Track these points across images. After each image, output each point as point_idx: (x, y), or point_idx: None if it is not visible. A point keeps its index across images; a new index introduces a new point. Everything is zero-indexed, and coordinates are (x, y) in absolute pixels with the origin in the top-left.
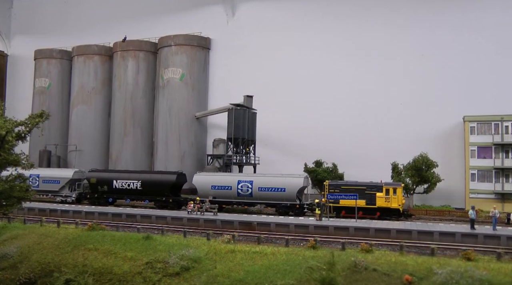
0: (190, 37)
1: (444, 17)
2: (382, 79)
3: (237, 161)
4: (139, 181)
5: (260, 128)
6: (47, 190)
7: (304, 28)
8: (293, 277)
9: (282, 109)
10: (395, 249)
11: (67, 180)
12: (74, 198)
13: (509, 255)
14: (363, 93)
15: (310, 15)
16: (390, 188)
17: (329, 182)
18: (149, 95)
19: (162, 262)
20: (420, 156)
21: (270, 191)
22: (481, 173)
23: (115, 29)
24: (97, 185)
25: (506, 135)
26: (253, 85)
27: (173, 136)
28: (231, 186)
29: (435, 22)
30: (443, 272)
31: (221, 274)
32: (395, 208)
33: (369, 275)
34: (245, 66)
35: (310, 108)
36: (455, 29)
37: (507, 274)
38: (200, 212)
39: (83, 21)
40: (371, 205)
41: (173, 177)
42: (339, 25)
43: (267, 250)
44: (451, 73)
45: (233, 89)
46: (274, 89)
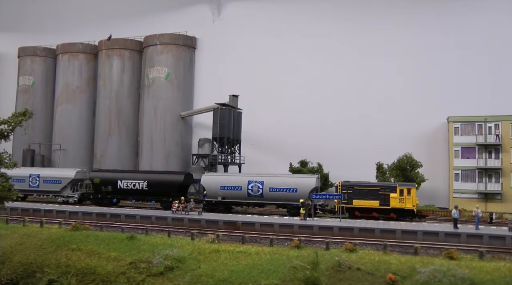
0: (176, 36)
1: (429, 19)
2: (367, 79)
3: (222, 160)
4: (145, 181)
5: (246, 128)
6: (48, 190)
7: (290, 28)
8: (277, 277)
9: (268, 109)
10: (379, 249)
11: (69, 180)
12: (76, 198)
13: (491, 254)
14: (349, 94)
15: (296, 15)
16: (404, 189)
17: (342, 183)
18: (134, 94)
19: (146, 262)
20: (404, 156)
21: (282, 191)
22: (465, 173)
23: (100, 27)
24: (100, 185)
25: (489, 136)
26: (238, 85)
27: (158, 135)
28: (241, 187)
29: (421, 24)
30: (426, 271)
31: (205, 273)
32: (409, 209)
33: (353, 275)
34: (231, 66)
35: (296, 108)
36: (441, 31)
37: (489, 272)
38: (185, 212)
39: (68, 19)
40: (385, 206)
41: (180, 177)
42: (325, 26)
43: (251, 250)
44: (436, 74)
45: (218, 88)
46: (260, 89)
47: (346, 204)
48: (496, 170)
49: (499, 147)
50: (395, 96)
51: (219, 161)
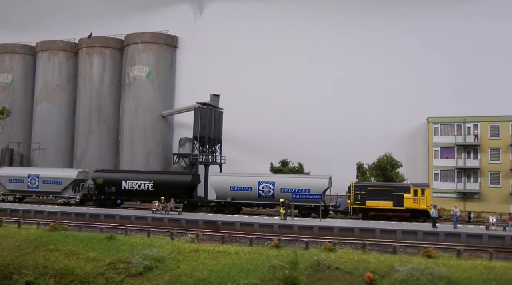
0: (157, 35)
1: (409, 20)
2: (348, 80)
3: (203, 160)
4: (151, 181)
5: (227, 128)
6: (48, 191)
7: (273, 27)
8: (256, 276)
9: (249, 108)
10: (358, 248)
11: (71, 181)
12: (78, 199)
13: (469, 252)
14: (329, 94)
15: (278, 15)
16: (418, 189)
17: (354, 183)
18: (115, 93)
19: (125, 262)
20: (384, 156)
21: (294, 192)
22: (444, 173)
23: (81, 25)
24: (104, 186)
25: (468, 136)
26: (220, 84)
27: (139, 134)
28: (252, 187)
29: (401, 25)
30: (404, 269)
31: (184, 273)
32: (424, 209)
33: (332, 274)
34: (212, 65)
35: (277, 108)
36: (421, 32)
37: (466, 270)
38: (165, 211)
39: (48, 16)
40: (399, 207)
41: (188, 178)
42: (307, 26)
43: (231, 249)
44: (416, 75)
45: (200, 88)
46: (241, 88)
47: (359, 205)
48: (474, 170)
49: (477, 147)
50: (375, 96)
51: (200, 160)
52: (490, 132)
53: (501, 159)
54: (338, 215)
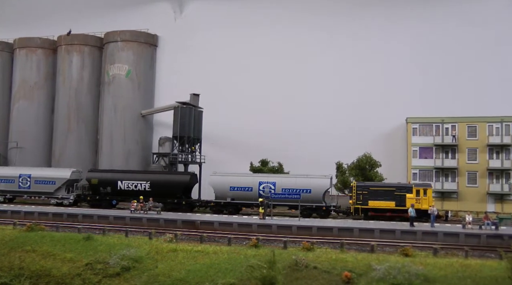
0: (137, 34)
1: (390, 23)
2: (328, 80)
3: (183, 159)
4: (148, 182)
5: (207, 127)
6: (40, 191)
7: (253, 27)
8: (234, 276)
9: (229, 108)
10: (336, 247)
11: (64, 181)
12: (72, 200)
13: (445, 251)
14: (309, 94)
15: (258, 15)
16: (420, 189)
17: (357, 184)
18: (94, 91)
19: (103, 263)
20: (364, 156)
21: (295, 192)
22: (423, 173)
23: (60, 22)
24: (99, 186)
25: (446, 137)
26: (200, 84)
27: (118, 133)
28: (252, 187)
29: (380, 26)
30: (382, 268)
31: (162, 273)
32: (426, 209)
33: (310, 273)
34: (192, 65)
35: (257, 108)
36: (400, 33)
37: (442, 268)
38: (144, 211)
39: (26, 12)
40: (401, 207)
41: (186, 178)
42: (287, 26)
43: (209, 249)
44: (395, 76)
45: (180, 87)
46: (222, 88)
47: (362, 205)
48: (452, 170)
49: (455, 148)
50: (355, 96)
51: (179, 160)
52: (468, 133)
53: (478, 159)
54: (340, 215)
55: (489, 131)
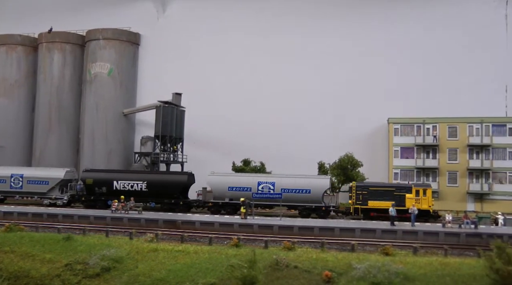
0: (119, 32)
1: (370, 23)
2: (311, 80)
3: (165, 159)
4: (145, 182)
5: (189, 126)
6: (33, 192)
7: (235, 27)
8: (214, 276)
9: (212, 107)
10: (317, 246)
11: (58, 181)
12: (65, 200)
13: (425, 249)
14: (291, 94)
15: (240, 14)
16: (420, 189)
17: (356, 184)
18: (75, 90)
19: (82, 263)
20: (345, 155)
21: (294, 192)
22: (404, 172)
23: (41, 19)
24: (94, 186)
25: (428, 137)
26: (183, 83)
27: (100, 132)
28: (251, 188)
29: (364, 26)
30: (362, 267)
31: (142, 273)
32: (425, 209)
33: (290, 272)
34: (175, 64)
35: (239, 107)
36: (383, 34)
37: (422, 267)
38: (125, 211)
39: (6, 9)
40: (401, 207)
41: (184, 178)
42: (269, 25)
43: (190, 249)
44: (377, 76)
45: (162, 86)
46: (204, 87)
47: (361, 205)
48: (433, 170)
49: (436, 148)
50: (337, 97)
51: (161, 159)
52: (449, 133)
53: (458, 159)
54: (339, 216)
55: (469, 131)
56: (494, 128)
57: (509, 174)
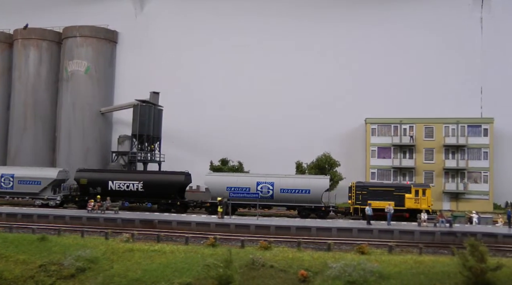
0: (96, 29)
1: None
2: (289, 80)
3: (142, 158)
4: (141, 182)
5: (167, 125)
6: (24, 192)
7: (213, 26)
8: (190, 275)
9: (189, 106)
10: (294, 246)
11: (51, 181)
12: (58, 201)
13: (400, 248)
14: (270, 93)
15: (219, 13)
16: (419, 189)
17: (356, 183)
18: (52, 88)
19: (57, 264)
20: (323, 155)
21: (294, 192)
22: (381, 172)
23: (16, 15)
24: (88, 186)
25: (404, 137)
26: (161, 82)
27: (76, 131)
28: (249, 188)
29: (342, 27)
30: (337, 266)
31: (117, 274)
32: (425, 209)
33: (266, 272)
34: (153, 62)
35: (218, 106)
36: (361, 35)
37: (397, 265)
38: (101, 211)
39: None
40: (400, 207)
41: (181, 178)
42: (247, 24)
43: (166, 249)
44: (355, 77)
45: (140, 84)
46: (182, 86)
47: (361, 205)
48: (409, 170)
49: (413, 148)
50: (315, 97)
51: (138, 158)
52: (425, 133)
53: (434, 159)
54: (339, 216)
55: (445, 132)
56: (470, 128)
57: (484, 174)
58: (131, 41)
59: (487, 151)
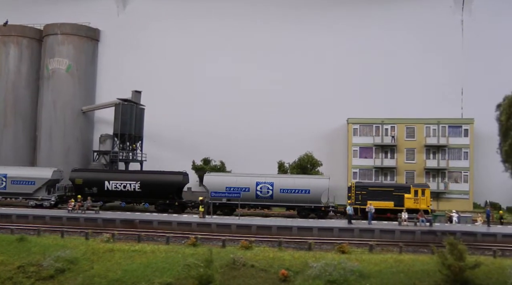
0: (78, 27)
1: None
2: (271, 79)
3: (123, 157)
4: (138, 182)
5: (149, 125)
6: (18, 192)
7: (196, 24)
8: (171, 275)
9: (172, 106)
10: (275, 245)
11: (45, 181)
12: (53, 201)
13: (380, 247)
14: (251, 93)
15: (203, 12)
16: (418, 190)
17: (355, 184)
18: (32, 86)
19: (36, 265)
20: (305, 155)
21: (294, 193)
22: (363, 172)
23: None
24: (83, 186)
25: (386, 137)
26: (143, 81)
27: (57, 130)
28: (249, 188)
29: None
30: (318, 265)
31: (97, 274)
32: (424, 209)
33: (247, 271)
34: (135, 61)
35: (200, 106)
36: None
37: (377, 264)
38: (82, 210)
39: None
40: (399, 207)
41: (179, 178)
42: (232, 24)
43: (146, 248)
44: (338, 77)
45: (122, 83)
46: (164, 85)
47: (360, 205)
48: (391, 169)
49: (394, 148)
50: (298, 97)
51: (120, 158)
52: (406, 134)
53: (416, 159)
54: (338, 216)
55: (427, 132)
56: (450, 129)
57: (464, 173)
58: (113, 39)
59: (467, 151)
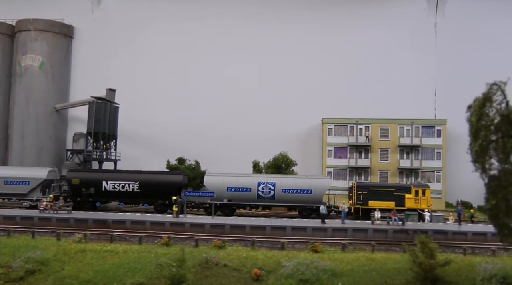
0: (52, 23)
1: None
2: (247, 79)
3: (97, 156)
4: (137, 182)
5: (123, 124)
6: (11, 193)
7: (173, 23)
8: (143, 275)
9: (146, 104)
10: (248, 245)
11: (40, 181)
12: None
13: (353, 246)
14: (228, 93)
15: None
16: (419, 190)
17: (357, 184)
18: (4, 83)
19: (5, 267)
20: (280, 155)
21: (295, 193)
22: (337, 171)
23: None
24: (80, 186)
25: (360, 137)
26: (118, 79)
27: (30, 128)
28: (250, 188)
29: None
30: (290, 264)
31: (69, 275)
32: (425, 209)
33: (220, 271)
34: (109, 58)
35: (175, 105)
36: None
37: (349, 262)
38: (54, 210)
39: None
40: (400, 207)
41: (179, 178)
42: (208, 22)
43: (119, 249)
44: (313, 77)
45: (97, 81)
46: (139, 84)
47: (362, 205)
48: (365, 169)
49: (368, 148)
50: (273, 97)
51: (93, 157)
52: (380, 134)
53: (389, 158)
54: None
55: (400, 132)
56: (424, 129)
57: (437, 173)
58: (88, 36)
59: (440, 151)
